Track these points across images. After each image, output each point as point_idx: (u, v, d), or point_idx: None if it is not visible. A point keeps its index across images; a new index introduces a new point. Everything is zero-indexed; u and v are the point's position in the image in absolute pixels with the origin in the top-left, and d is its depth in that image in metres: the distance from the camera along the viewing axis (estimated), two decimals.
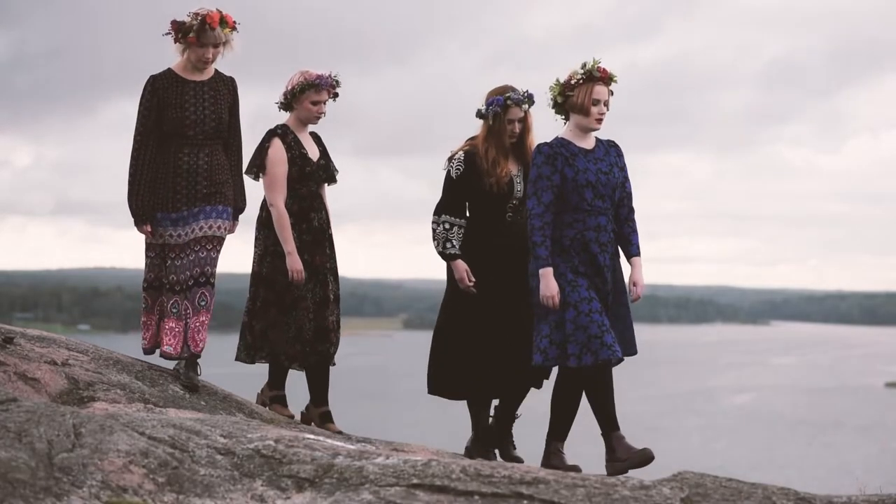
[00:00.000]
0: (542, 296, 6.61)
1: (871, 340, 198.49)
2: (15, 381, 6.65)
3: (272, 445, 5.24)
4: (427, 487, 4.87)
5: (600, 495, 4.80)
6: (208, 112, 7.28)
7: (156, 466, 4.96)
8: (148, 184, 7.22)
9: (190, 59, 7.27)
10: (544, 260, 6.63)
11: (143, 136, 7.24)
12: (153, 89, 7.26)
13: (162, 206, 7.25)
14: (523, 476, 4.94)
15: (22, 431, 4.96)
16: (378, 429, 7.61)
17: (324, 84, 7.43)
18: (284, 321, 7.29)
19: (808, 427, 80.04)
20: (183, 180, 7.23)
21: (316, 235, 7.42)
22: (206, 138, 7.28)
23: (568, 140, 6.81)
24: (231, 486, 4.95)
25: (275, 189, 7.34)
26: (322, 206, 7.52)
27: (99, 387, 6.87)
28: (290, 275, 7.25)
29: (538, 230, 6.65)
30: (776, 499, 4.96)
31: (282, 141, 7.41)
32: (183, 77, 7.30)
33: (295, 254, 7.27)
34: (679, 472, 5.24)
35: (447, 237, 7.15)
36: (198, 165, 7.25)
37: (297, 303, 7.30)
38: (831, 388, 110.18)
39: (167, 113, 7.22)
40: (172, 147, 7.24)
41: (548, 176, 6.69)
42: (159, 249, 7.35)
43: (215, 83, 7.36)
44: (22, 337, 7.44)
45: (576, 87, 6.76)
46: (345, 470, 5.03)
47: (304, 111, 7.45)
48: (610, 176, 6.81)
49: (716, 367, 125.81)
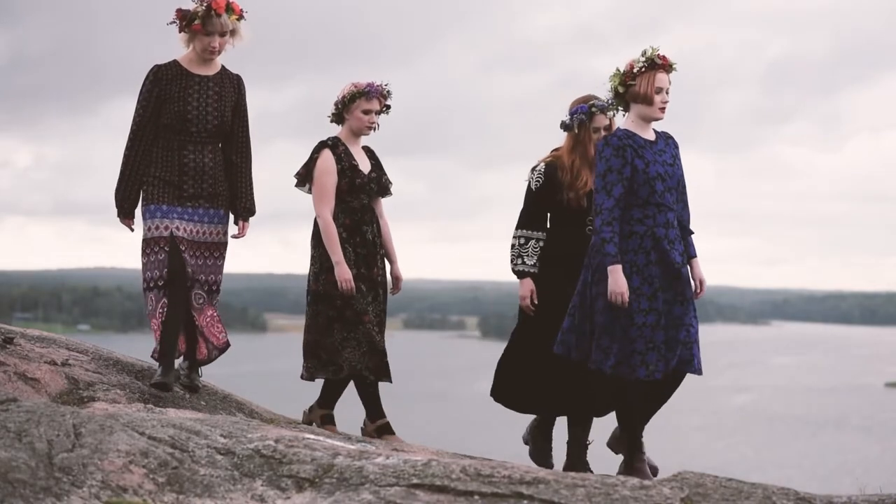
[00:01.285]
0: (612, 292, 6.39)
1: (871, 340, 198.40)
2: (15, 381, 6.66)
3: (272, 445, 5.24)
4: (427, 487, 4.87)
5: (600, 495, 4.80)
6: (211, 109, 7.05)
7: (156, 466, 4.96)
8: (139, 176, 7.00)
9: (196, 49, 7.03)
10: (613, 257, 6.40)
11: (139, 126, 7.01)
12: (155, 79, 7.01)
13: (168, 199, 7.01)
14: (523, 476, 4.94)
15: (22, 431, 4.96)
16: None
17: (374, 92, 7.28)
18: (354, 337, 7.13)
19: (808, 427, 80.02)
20: (190, 178, 7.02)
21: (370, 249, 7.26)
22: (208, 136, 7.06)
23: (632, 131, 6.58)
24: (231, 486, 4.95)
25: (322, 200, 7.19)
26: (374, 220, 7.34)
27: (99, 387, 6.87)
28: (339, 284, 7.08)
29: (607, 225, 6.42)
30: (776, 499, 4.96)
31: (332, 152, 7.25)
32: (188, 70, 7.05)
33: (343, 263, 7.10)
34: (679, 472, 5.24)
35: (520, 253, 7.04)
36: (204, 164, 7.05)
37: (360, 317, 7.14)
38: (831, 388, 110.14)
39: (168, 106, 6.98)
40: (175, 143, 7.01)
41: (618, 169, 6.45)
42: (166, 243, 6.98)
43: (221, 79, 7.12)
44: (22, 337, 7.44)
45: (637, 76, 6.53)
46: (345, 470, 5.03)
47: (356, 121, 7.29)
48: (674, 168, 6.65)
49: (716, 367, 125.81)
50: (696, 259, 6.73)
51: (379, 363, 7.15)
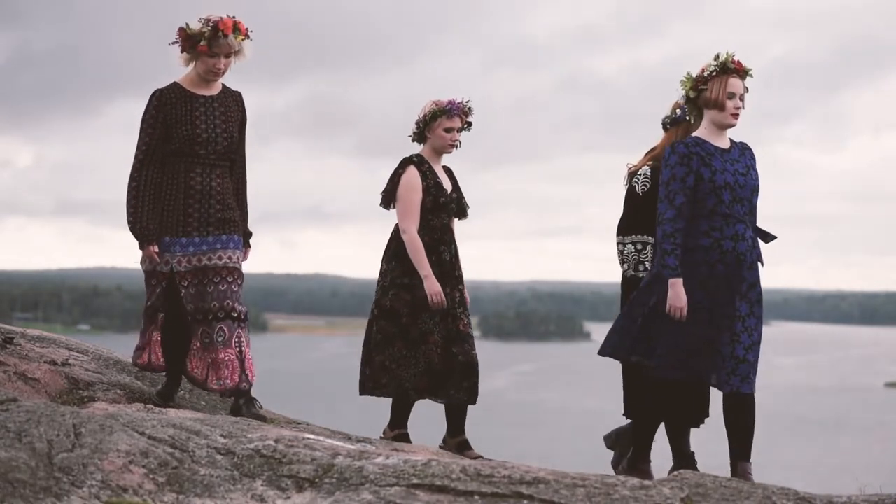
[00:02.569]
0: (671, 306, 6.22)
1: (871, 340, 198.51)
2: (15, 381, 6.66)
3: (272, 445, 5.24)
4: (427, 487, 4.87)
5: (600, 495, 4.80)
6: (220, 130, 6.76)
7: (156, 466, 4.96)
8: (151, 203, 6.68)
9: (199, 70, 6.74)
10: (674, 270, 6.21)
11: (146, 153, 6.69)
12: (159, 104, 6.71)
13: (171, 231, 6.69)
14: (523, 476, 4.94)
15: (22, 431, 4.96)
16: (378, 429, 7.59)
17: (455, 110, 7.18)
18: (413, 355, 7.04)
19: (808, 427, 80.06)
20: (195, 202, 6.71)
21: (445, 269, 7.16)
22: (217, 158, 6.77)
23: (703, 139, 6.37)
24: (231, 486, 4.95)
25: (408, 216, 7.11)
26: (452, 240, 7.25)
27: (99, 387, 6.87)
28: (429, 299, 6.98)
29: (669, 237, 6.23)
30: (776, 499, 4.96)
31: (417, 169, 7.18)
32: (191, 91, 6.77)
33: (432, 277, 7.02)
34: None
35: (639, 259, 6.89)
36: (211, 187, 6.74)
37: (425, 337, 7.04)
38: (831, 388, 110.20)
39: (176, 130, 6.68)
40: (182, 167, 6.71)
41: (681, 177, 6.25)
42: (164, 278, 6.73)
43: (224, 98, 6.85)
44: (22, 337, 7.45)
45: (709, 81, 6.35)
46: (345, 470, 5.03)
47: (438, 139, 7.20)
48: (747, 178, 6.37)
49: None
50: None
51: (430, 384, 7.06)
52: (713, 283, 6.27)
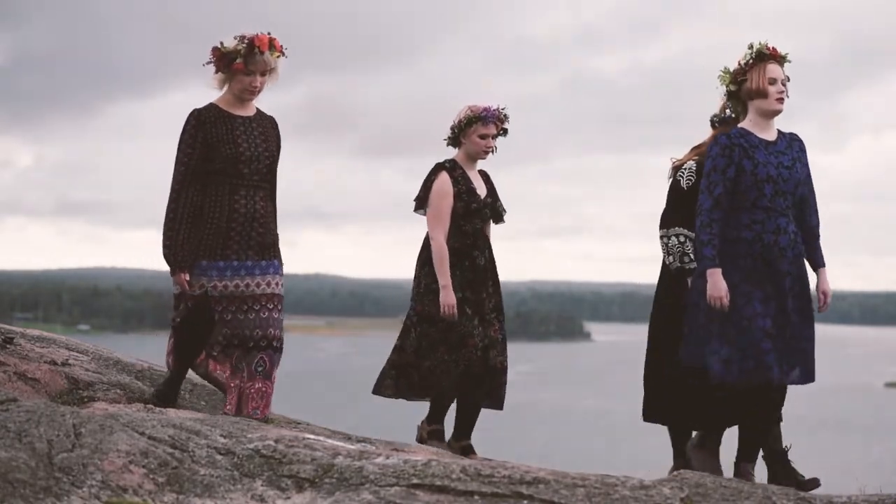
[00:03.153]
0: (710, 296, 6.10)
1: (871, 340, 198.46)
2: (15, 381, 6.66)
3: (272, 445, 5.24)
4: (427, 487, 4.87)
5: (600, 495, 4.80)
6: (261, 150, 6.59)
7: (156, 466, 4.96)
8: (188, 227, 6.48)
9: (234, 90, 6.55)
10: (711, 260, 6.12)
11: (185, 175, 6.47)
12: (199, 123, 6.50)
13: (209, 254, 6.49)
14: (523, 476, 4.94)
15: (22, 431, 4.96)
16: (378, 429, 7.57)
17: (490, 117, 7.16)
18: (454, 360, 7.03)
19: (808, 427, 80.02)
20: (238, 226, 6.52)
21: (479, 274, 7.14)
22: (260, 179, 6.60)
23: (748, 130, 6.28)
24: (231, 486, 4.95)
25: (437, 222, 7.09)
26: (487, 245, 7.24)
27: (99, 387, 6.87)
28: (441, 309, 6.99)
29: (706, 227, 6.14)
30: (776, 499, 4.96)
31: (449, 175, 7.16)
32: (229, 112, 6.58)
33: (449, 287, 7.00)
34: (679, 472, 5.24)
35: (684, 251, 6.78)
36: (255, 210, 6.56)
37: (465, 340, 7.04)
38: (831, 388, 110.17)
39: (219, 149, 6.48)
40: (226, 188, 6.51)
41: (722, 169, 6.17)
42: (194, 300, 6.55)
43: (261, 120, 6.68)
44: (22, 337, 7.45)
45: (748, 71, 6.28)
46: (345, 470, 5.03)
47: (472, 146, 7.19)
48: (792, 171, 6.26)
49: None
50: (824, 269, 6.42)
51: (472, 388, 7.07)
52: (757, 276, 6.18)
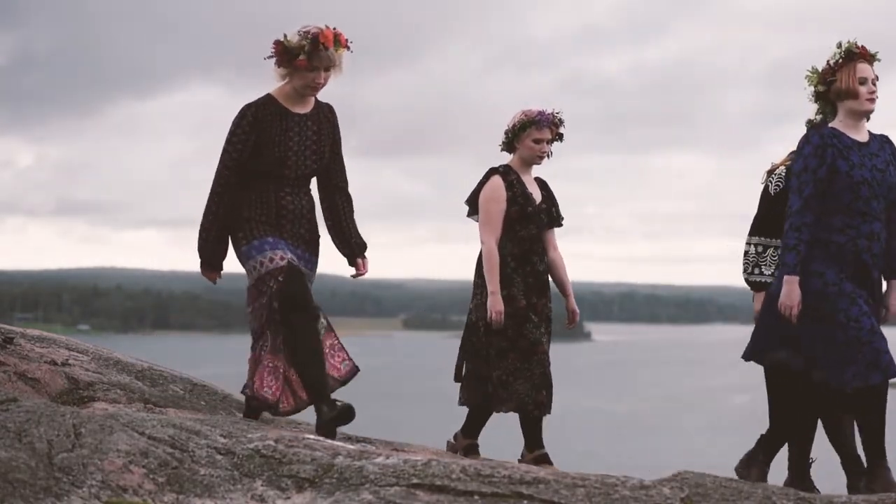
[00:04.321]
0: (782, 304, 5.95)
1: None
2: (15, 381, 6.65)
3: (272, 445, 5.24)
4: (427, 487, 4.87)
5: (600, 495, 4.80)
6: (310, 152, 6.39)
7: (156, 466, 4.96)
8: (226, 225, 6.35)
9: (295, 85, 6.34)
10: (791, 267, 5.94)
11: (230, 171, 6.31)
12: (254, 121, 6.29)
13: (273, 233, 6.33)
14: (523, 476, 4.94)
15: (22, 431, 4.96)
16: (378, 429, 7.57)
17: (545, 121, 7.00)
18: (528, 367, 6.87)
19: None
20: (288, 223, 6.39)
21: (538, 278, 7.01)
22: (304, 179, 6.45)
23: (840, 131, 6.09)
24: (231, 486, 4.95)
25: (488, 227, 6.96)
26: (544, 251, 7.07)
27: (99, 387, 6.86)
28: (489, 314, 6.84)
29: (793, 231, 5.96)
30: (776, 499, 4.95)
31: (502, 179, 7.03)
32: (287, 108, 6.37)
33: (498, 294, 6.85)
34: (679, 472, 5.24)
35: (757, 262, 6.64)
36: (301, 206, 6.43)
37: (535, 347, 6.90)
38: None
39: (267, 150, 6.30)
40: (272, 186, 6.35)
41: (813, 169, 5.97)
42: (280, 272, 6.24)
43: (317, 116, 6.46)
44: (22, 337, 7.44)
45: (837, 71, 6.10)
46: (345, 470, 5.03)
47: (527, 150, 7.04)
48: (885, 174, 6.07)
49: (716, 367, 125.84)
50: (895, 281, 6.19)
51: (546, 398, 6.94)
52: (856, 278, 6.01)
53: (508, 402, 6.91)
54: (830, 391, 6.04)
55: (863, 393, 5.97)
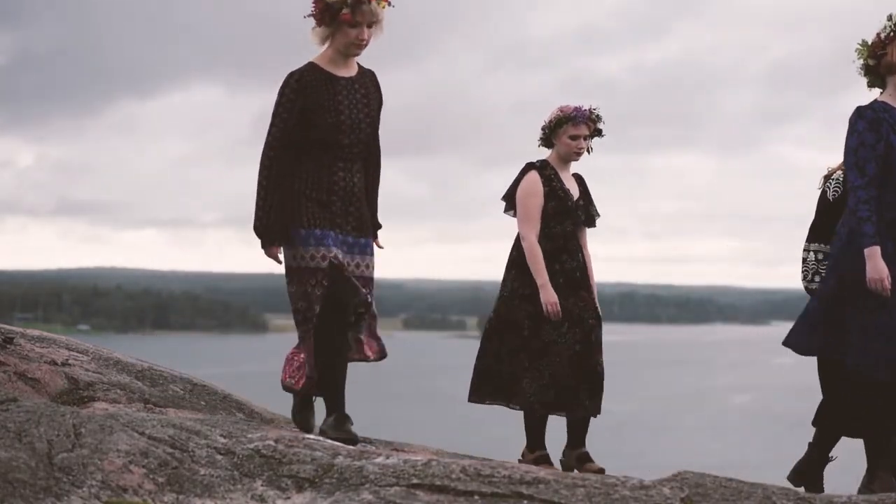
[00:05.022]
0: (870, 279, 5.73)
1: None
2: (15, 381, 6.65)
3: (272, 445, 5.24)
4: (427, 487, 4.87)
5: (600, 495, 4.80)
6: (362, 115, 6.09)
7: (156, 466, 4.96)
8: (280, 199, 6.02)
9: (338, 45, 6.02)
10: (871, 238, 5.73)
11: (280, 142, 5.99)
12: (298, 87, 6.00)
13: (322, 223, 6.02)
14: (523, 476, 4.94)
15: (22, 431, 4.96)
16: (378, 429, 7.56)
17: (581, 117, 6.95)
18: (536, 367, 6.81)
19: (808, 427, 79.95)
20: (339, 200, 6.06)
21: (569, 277, 6.92)
22: (360, 150, 6.11)
23: (891, 105, 5.98)
24: (231, 486, 4.95)
25: (527, 222, 6.90)
26: (578, 248, 6.99)
27: (99, 387, 6.86)
28: (543, 308, 6.76)
29: (864, 203, 5.75)
30: (776, 499, 4.95)
31: (539, 174, 6.97)
32: (330, 72, 6.05)
33: (548, 286, 6.77)
34: (679, 472, 5.24)
35: (817, 269, 6.46)
36: (353, 184, 6.10)
37: (549, 348, 6.81)
38: None
39: (319, 117, 5.99)
40: (325, 160, 6.04)
41: (871, 144, 5.83)
42: (325, 276, 5.98)
43: (363, 79, 6.15)
44: (22, 337, 7.44)
45: (888, 44, 5.98)
46: (345, 470, 5.03)
47: (563, 147, 6.99)
48: None
49: (716, 367, 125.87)
50: None
51: (556, 398, 6.83)
52: None
53: (514, 399, 6.89)
54: (861, 379, 5.90)
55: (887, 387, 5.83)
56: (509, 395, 6.92)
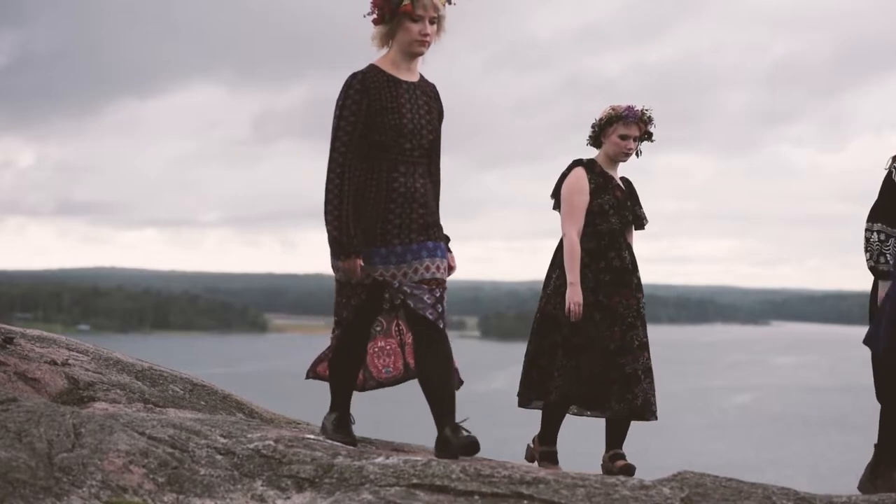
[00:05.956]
0: None
1: None
2: (15, 381, 6.65)
3: (272, 445, 5.25)
4: (427, 487, 4.87)
5: (600, 495, 4.80)
6: (425, 121, 5.87)
7: (156, 466, 4.96)
8: (354, 208, 5.77)
9: (400, 43, 5.82)
10: None
11: (347, 148, 5.73)
12: (363, 88, 5.76)
13: (370, 239, 5.77)
14: (523, 476, 4.94)
15: (22, 431, 4.97)
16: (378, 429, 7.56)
17: (632, 117, 6.85)
18: (573, 366, 6.70)
19: (808, 427, 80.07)
20: (398, 207, 5.78)
21: (615, 276, 6.81)
22: (420, 155, 5.87)
23: None
24: (231, 486, 4.95)
25: (570, 219, 6.79)
26: (625, 247, 6.89)
27: (99, 387, 6.86)
28: (566, 306, 6.69)
29: None
30: (776, 499, 4.95)
31: (586, 171, 6.87)
32: (394, 76, 5.85)
33: (577, 285, 6.68)
34: (679, 472, 5.24)
35: (881, 250, 6.40)
36: (414, 189, 5.82)
37: (586, 345, 6.70)
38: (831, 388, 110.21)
39: (382, 119, 5.74)
40: (384, 165, 5.78)
41: None
42: (364, 290, 5.82)
43: (425, 87, 5.97)
44: (22, 337, 7.44)
45: None
46: (345, 470, 5.03)
47: (612, 146, 6.88)
48: None
49: (716, 367, 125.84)
50: None
51: (593, 398, 6.74)
52: None
53: (550, 396, 6.78)
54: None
55: None
56: (543, 393, 6.83)
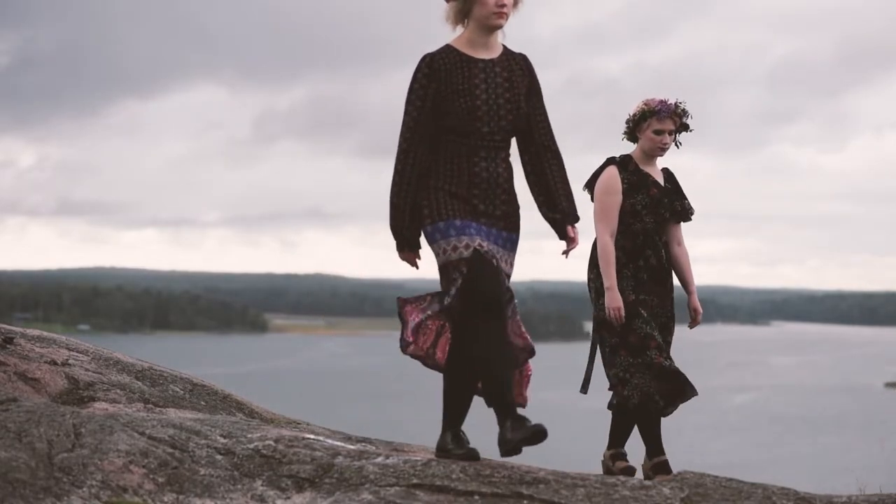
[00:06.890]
0: None
1: (871, 340, 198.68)
2: (15, 381, 6.65)
3: (272, 445, 5.25)
4: (427, 487, 4.87)
5: (600, 495, 4.80)
6: (503, 101, 5.56)
7: (156, 466, 4.96)
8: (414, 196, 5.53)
9: (477, 19, 5.54)
10: None
11: (414, 132, 5.51)
12: (431, 71, 5.51)
13: (463, 214, 5.47)
14: (523, 476, 4.94)
15: (22, 431, 4.97)
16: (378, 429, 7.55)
17: (665, 111, 6.76)
18: (639, 363, 6.56)
19: (808, 427, 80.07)
20: (481, 192, 5.52)
21: (652, 273, 6.71)
22: (502, 139, 5.56)
23: None
24: (231, 486, 4.95)
25: (602, 219, 6.67)
26: (661, 245, 6.75)
27: (99, 387, 6.86)
28: (606, 311, 6.56)
29: None
30: (776, 499, 4.96)
31: (619, 169, 6.75)
32: (469, 55, 5.56)
33: (614, 289, 6.54)
34: (679, 472, 5.24)
35: None
36: (497, 174, 5.55)
37: (645, 341, 6.57)
38: (831, 388, 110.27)
39: (454, 102, 5.48)
40: (463, 150, 5.51)
41: None
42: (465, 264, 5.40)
43: (507, 62, 5.64)
44: (22, 337, 7.44)
45: None
46: (345, 470, 5.03)
47: (647, 141, 6.76)
48: None
49: (716, 367, 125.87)
50: None
51: (672, 388, 6.59)
52: None
53: (630, 398, 6.59)
54: None
55: None
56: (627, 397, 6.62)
